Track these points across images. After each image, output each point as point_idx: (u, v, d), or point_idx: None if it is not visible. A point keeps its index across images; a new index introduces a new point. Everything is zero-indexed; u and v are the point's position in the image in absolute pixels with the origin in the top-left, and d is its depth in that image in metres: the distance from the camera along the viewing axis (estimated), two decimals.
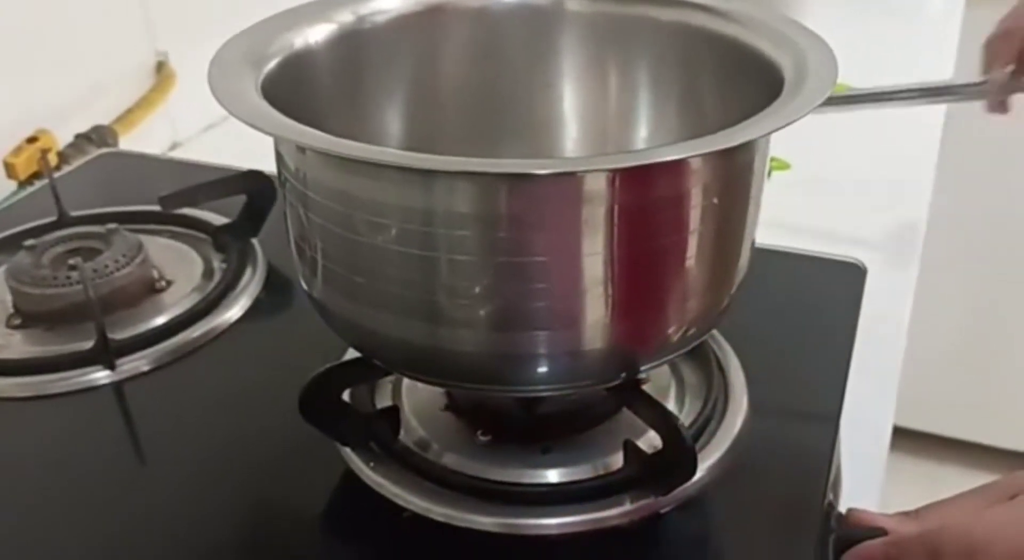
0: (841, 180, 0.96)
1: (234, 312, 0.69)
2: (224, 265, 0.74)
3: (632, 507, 0.50)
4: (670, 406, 0.57)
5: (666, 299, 0.45)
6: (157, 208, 0.74)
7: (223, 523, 0.54)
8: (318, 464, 0.55)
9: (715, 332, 0.61)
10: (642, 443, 0.52)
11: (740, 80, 0.51)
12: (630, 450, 0.52)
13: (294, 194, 0.46)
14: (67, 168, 0.93)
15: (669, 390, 0.58)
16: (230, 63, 0.47)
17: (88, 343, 0.64)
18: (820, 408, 0.58)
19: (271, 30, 0.50)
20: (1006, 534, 0.45)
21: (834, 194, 0.93)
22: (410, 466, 0.53)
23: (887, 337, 0.73)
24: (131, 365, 0.64)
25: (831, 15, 1.35)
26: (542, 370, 0.46)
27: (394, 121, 0.57)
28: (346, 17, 0.52)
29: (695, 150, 0.39)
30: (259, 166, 0.72)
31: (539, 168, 0.37)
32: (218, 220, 0.77)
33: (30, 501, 0.55)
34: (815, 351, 0.63)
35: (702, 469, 0.51)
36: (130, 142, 1.03)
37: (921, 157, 1.01)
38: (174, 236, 0.78)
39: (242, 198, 0.75)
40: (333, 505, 0.54)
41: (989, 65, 0.83)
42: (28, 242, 0.71)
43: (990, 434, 1.89)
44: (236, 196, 0.75)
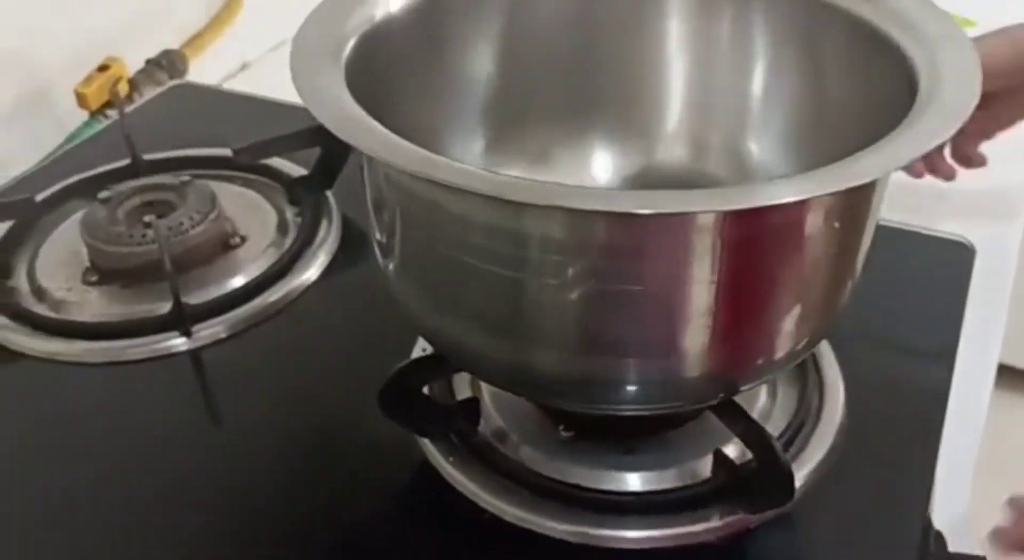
0: None
1: (311, 273, 0.68)
2: (299, 218, 0.72)
3: (720, 523, 0.48)
4: (760, 404, 0.54)
5: (773, 325, 0.43)
6: (229, 152, 0.72)
7: (299, 502, 0.53)
8: (398, 448, 0.54)
9: None
10: (732, 449, 0.50)
11: (866, 63, 0.47)
12: (719, 459, 0.50)
13: (377, 191, 0.44)
14: (138, 100, 0.91)
15: (759, 389, 0.56)
16: (311, 51, 0.44)
17: (165, 305, 0.63)
18: (920, 412, 0.55)
19: (347, 2, 0.47)
20: None
21: None
22: (489, 463, 0.52)
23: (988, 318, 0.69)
24: (209, 331, 0.63)
25: None
26: (633, 392, 0.44)
27: (481, 89, 0.54)
28: None
29: (820, 187, 0.36)
30: None
31: (641, 207, 0.34)
32: (293, 170, 0.75)
33: (106, 469, 0.55)
34: (917, 345, 0.60)
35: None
36: (199, 64, 1.01)
37: None
38: (247, 183, 0.76)
39: (316, 149, 0.73)
40: (410, 495, 0.53)
41: None
42: (102, 194, 0.69)
43: None
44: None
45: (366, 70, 0.44)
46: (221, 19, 1.02)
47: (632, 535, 0.48)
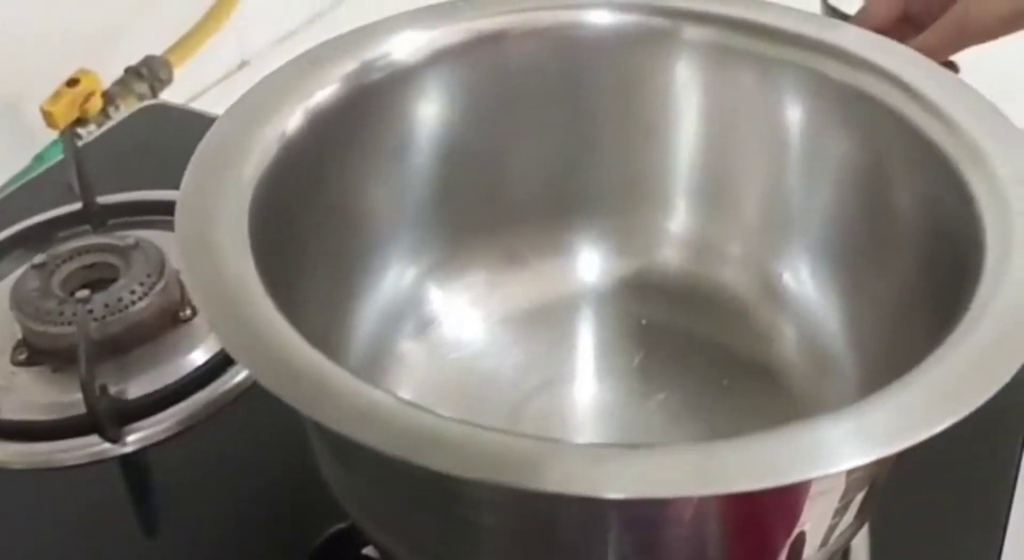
0: None
1: None
2: None
3: None
4: None
5: None
6: None
7: None
8: None
9: None
10: None
11: (935, 196, 0.36)
12: None
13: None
14: (114, 114, 0.82)
15: None
16: (203, 208, 0.35)
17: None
18: None
19: (259, 108, 0.37)
20: None
21: None
22: None
23: None
24: (145, 433, 0.55)
25: None
26: None
27: (427, 189, 0.44)
28: (349, 66, 0.39)
29: (859, 455, 0.25)
30: None
31: (608, 489, 0.24)
32: None
33: None
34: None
35: None
36: (192, 63, 0.92)
37: None
38: None
39: None
40: None
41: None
42: (37, 259, 0.61)
43: None
44: None
45: (278, 204, 0.34)
46: (214, 15, 0.93)
47: None
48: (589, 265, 0.48)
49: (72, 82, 0.82)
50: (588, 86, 0.44)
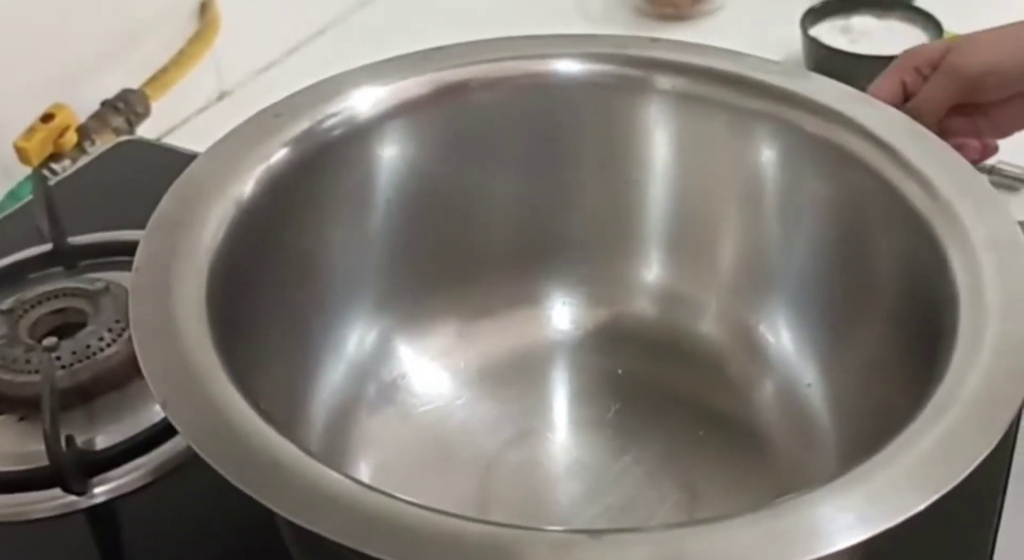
0: None
1: None
2: None
3: None
4: None
5: None
6: None
7: None
8: None
9: None
10: None
11: (915, 260, 0.35)
12: None
13: None
14: (88, 152, 0.81)
15: None
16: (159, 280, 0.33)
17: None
18: None
19: (216, 172, 0.36)
20: None
21: None
22: None
23: None
24: (113, 485, 0.53)
25: None
26: None
27: (407, 241, 0.43)
28: (307, 124, 0.38)
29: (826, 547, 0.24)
30: None
31: None
32: None
33: None
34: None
35: None
36: (171, 95, 0.90)
37: None
38: None
39: None
40: None
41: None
42: (4, 305, 0.60)
43: None
44: None
45: (236, 270, 0.33)
46: (192, 50, 0.91)
47: None
48: (562, 315, 0.47)
49: (47, 117, 0.81)
50: (559, 136, 0.43)
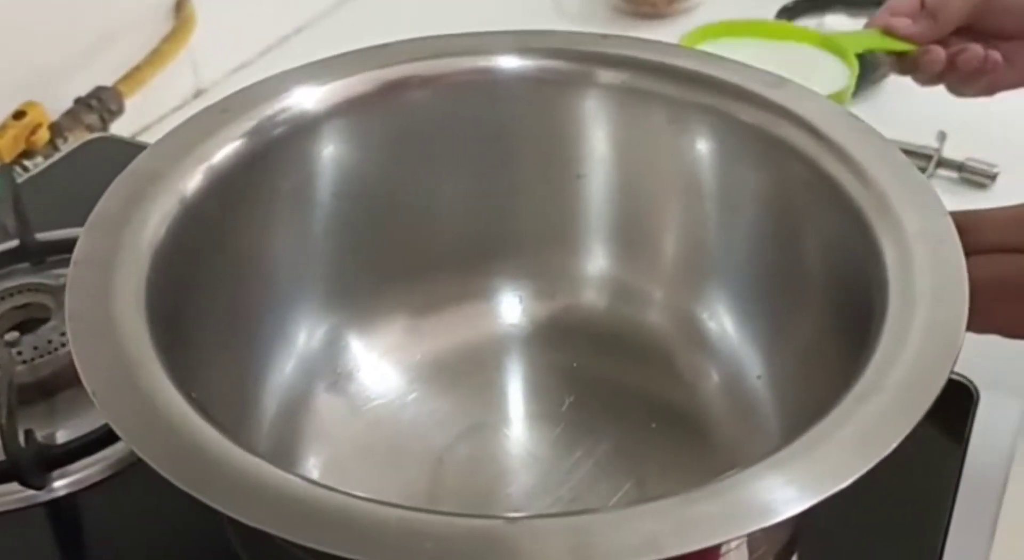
0: None
1: None
2: None
3: None
4: None
5: None
6: None
7: None
8: None
9: None
10: None
11: (846, 248, 0.35)
12: None
13: None
14: (61, 150, 0.81)
15: None
16: (98, 277, 0.34)
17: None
18: None
19: (158, 169, 0.36)
20: None
21: None
22: None
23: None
24: (73, 478, 0.53)
25: None
26: None
27: (353, 237, 0.43)
28: (250, 122, 0.38)
29: (732, 530, 0.24)
30: None
31: None
32: None
33: None
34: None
35: None
36: (147, 93, 0.90)
37: None
38: None
39: None
40: None
41: None
42: None
43: None
44: None
45: (178, 267, 0.34)
46: (166, 48, 0.92)
47: None
48: (512, 309, 0.47)
49: (18, 115, 0.81)
50: (504, 132, 0.43)
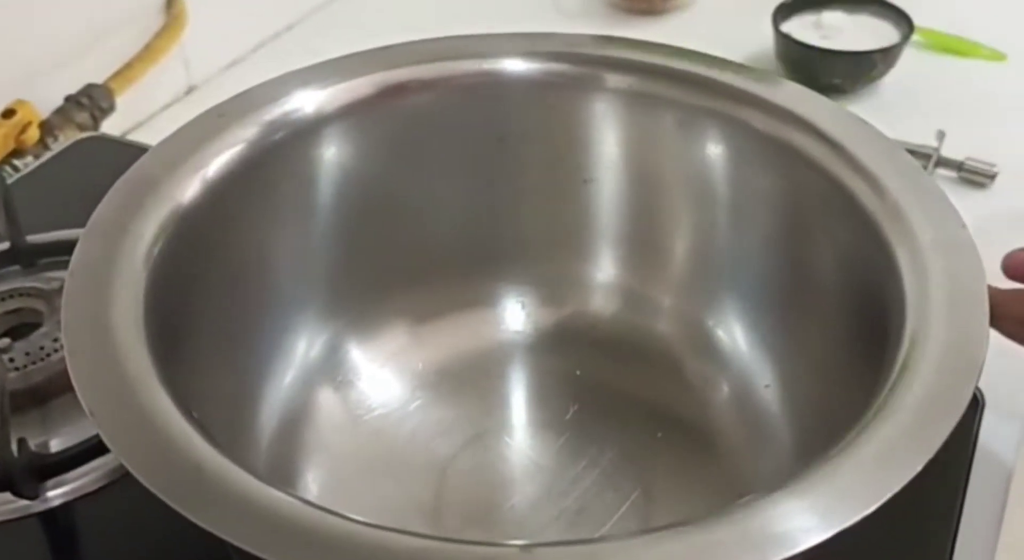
0: None
1: None
2: None
3: None
4: None
5: None
6: None
7: None
8: None
9: None
10: None
11: (863, 260, 0.34)
12: None
13: None
14: (51, 148, 0.80)
15: None
16: (95, 287, 0.33)
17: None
18: None
19: (156, 177, 0.35)
20: None
21: None
22: None
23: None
24: (68, 487, 0.52)
25: None
26: None
27: (354, 243, 0.42)
28: (249, 127, 0.37)
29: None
30: None
31: None
32: None
33: None
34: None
35: None
36: (138, 90, 0.89)
37: None
38: None
39: None
40: None
41: None
42: None
43: None
44: None
45: (176, 277, 0.33)
46: (158, 44, 0.90)
47: None
48: (516, 316, 0.46)
49: (7, 113, 0.80)
50: (508, 135, 0.42)
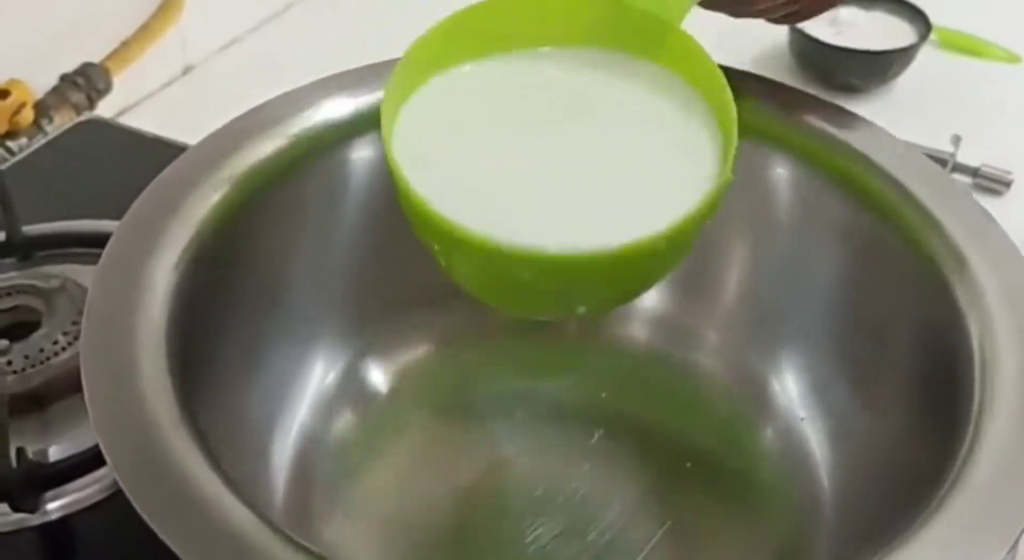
0: None
1: None
2: None
3: None
4: None
5: None
6: None
7: None
8: None
9: None
10: None
11: (925, 308, 0.33)
12: None
13: None
14: (46, 130, 0.77)
15: None
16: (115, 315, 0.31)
17: None
18: None
19: (178, 191, 0.34)
20: None
21: None
22: None
23: None
24: (68, 499, 0.51)
25: None
26: None
27: (377, 262, 0.41)
28: (275, 140, 0.35)
29: None
30: None
31: None
32: None
33: None
34: None
35: None
36: (135, 70, 0.87)
37: None
38: None
39: None
40: None
41: None
42: None
43: None
44: None
45: (197, 299, 0.31)
46: (152, 28, 0.88)
47: None
48: (545, 339, 0.44)
49: (2, 93, 0.77)
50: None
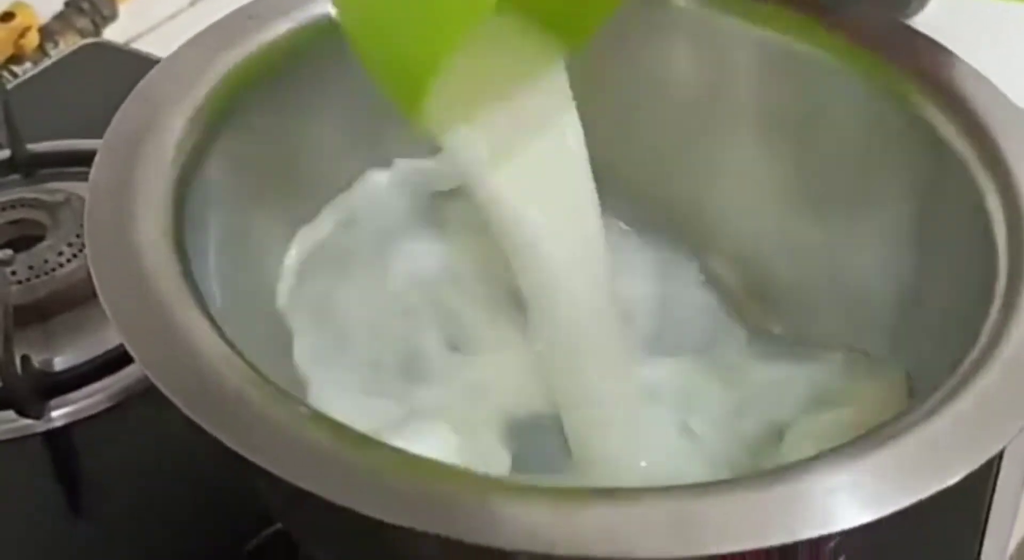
0: None
1: None
2: None
3: None
4: None
5: None
6: None
7: None
8: None
9: None
10: None
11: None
12: None
13: None
14: (50, 55, 0.76)
15: None
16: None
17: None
18: None
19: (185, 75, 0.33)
20: None
21: None
22: None
23: None
24: (72, 408, 0.51)
25: None
26: None
27: None
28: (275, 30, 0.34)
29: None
30: None
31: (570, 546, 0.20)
32: None
33: None
34: None
35: None
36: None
37: None
38: None
39: None
40: None
41: None
42: None
43: None
44: None
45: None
46: None
47: None
48: None
49: (6, 16, 0.77)
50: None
